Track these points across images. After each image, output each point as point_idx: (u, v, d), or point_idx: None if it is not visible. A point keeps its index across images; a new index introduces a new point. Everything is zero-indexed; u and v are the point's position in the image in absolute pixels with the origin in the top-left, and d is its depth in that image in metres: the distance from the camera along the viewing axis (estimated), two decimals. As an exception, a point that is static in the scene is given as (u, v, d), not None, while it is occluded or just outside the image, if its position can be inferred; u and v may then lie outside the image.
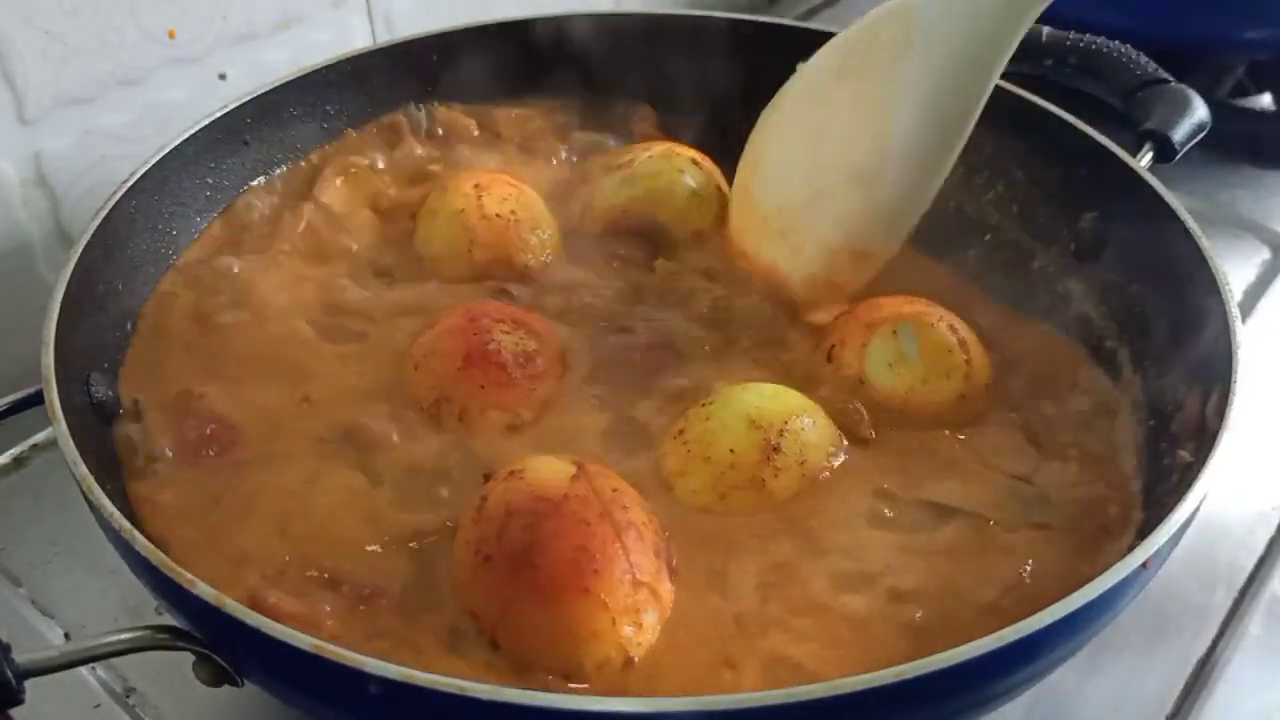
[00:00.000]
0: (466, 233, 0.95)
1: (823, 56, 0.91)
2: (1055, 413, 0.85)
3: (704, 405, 0.80)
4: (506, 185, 0.99)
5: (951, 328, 0.86)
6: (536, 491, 0.68)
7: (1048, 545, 0.74)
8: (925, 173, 0.84)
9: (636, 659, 0.66)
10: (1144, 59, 1.03)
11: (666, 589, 0.69)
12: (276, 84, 1.00)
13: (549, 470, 0.70)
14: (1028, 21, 0.77)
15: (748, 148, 0.97)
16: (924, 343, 0.84)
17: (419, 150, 1.07)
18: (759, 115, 1.06)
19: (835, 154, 0.86)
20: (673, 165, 1.02)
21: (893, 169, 0.83)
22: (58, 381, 0.70)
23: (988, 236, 1.02)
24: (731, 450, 0.76)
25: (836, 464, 0.78)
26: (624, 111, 1.14)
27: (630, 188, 1.01)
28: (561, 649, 0.65)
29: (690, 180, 1.02)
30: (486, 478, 0.73)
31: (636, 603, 0.66)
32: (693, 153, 1.05)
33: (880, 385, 0.84)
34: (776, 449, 0.76)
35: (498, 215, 0.95)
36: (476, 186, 0.97)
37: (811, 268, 0.90)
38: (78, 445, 0.67)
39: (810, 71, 0.92)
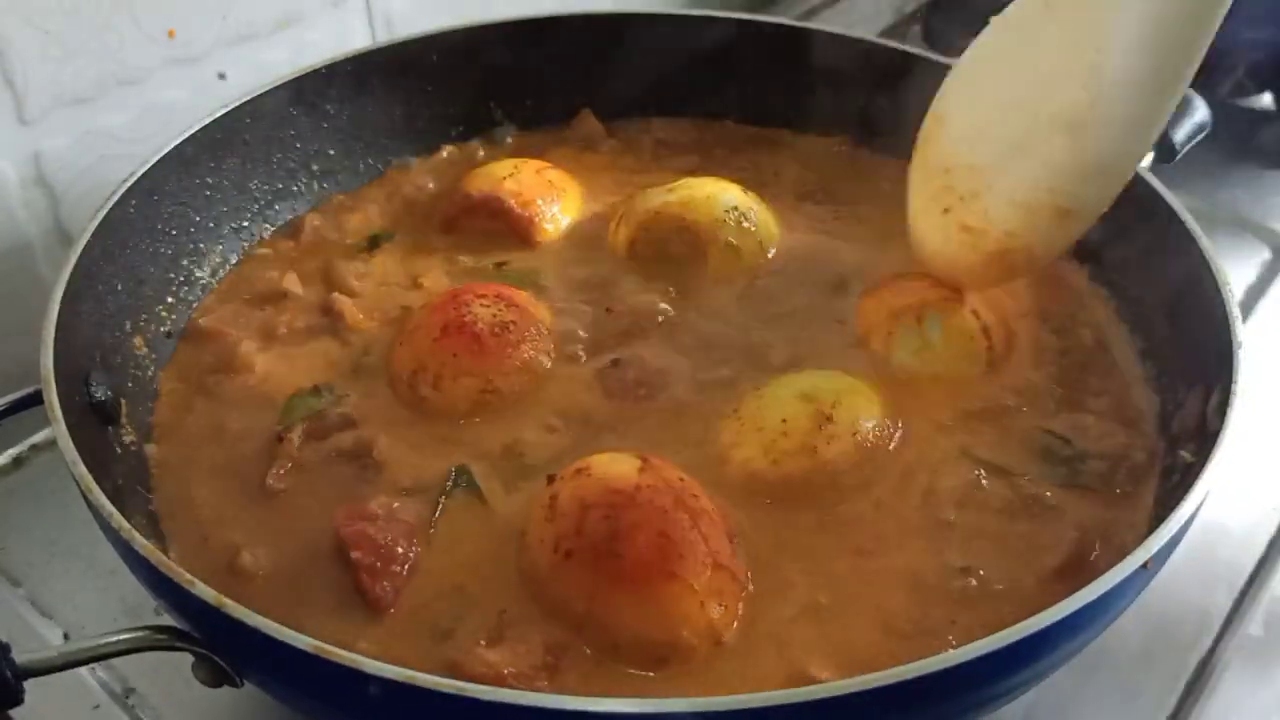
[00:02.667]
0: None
1: (1017, 5, 0.80)
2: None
3: (759, 388, 0.82)
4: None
5: (975, 313, 0.86)
6: (609, 484, 0.69)
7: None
8: (1143, 118, 0.74)
9: (727, 640, 0.67)
10: (1144, 59, 1.02)
11: (742, 570, 0.70)
12: (276, 84, 1.00)
13: (615, 464, 0.72)
14: None
15: (935, 102, 0.87)
16: (948, 330, 0.86)
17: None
18: (756, 115, 1.06)
19: (1040, 102, 0.77)
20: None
21: (1106, 113, 0.73)
22: (57, 381, 0.70)
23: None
24: (784, 420, 0.77)
25: (892, 444, 0.79)
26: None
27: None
28: (652, 635, 0.65)
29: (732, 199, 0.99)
30: (550, 479, 0.73)
31: (720, 585, 0.67)
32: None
33: (907, 370, 0.86)
34: (829, 419, 0.77)
35: None
36: None
37: (1006, 230, 0.80)
38: (77, 445, 0.66)
39: (1010, 14, 0.81)
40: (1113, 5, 0.72)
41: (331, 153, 1.07)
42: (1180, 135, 0.94)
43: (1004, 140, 0.80)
